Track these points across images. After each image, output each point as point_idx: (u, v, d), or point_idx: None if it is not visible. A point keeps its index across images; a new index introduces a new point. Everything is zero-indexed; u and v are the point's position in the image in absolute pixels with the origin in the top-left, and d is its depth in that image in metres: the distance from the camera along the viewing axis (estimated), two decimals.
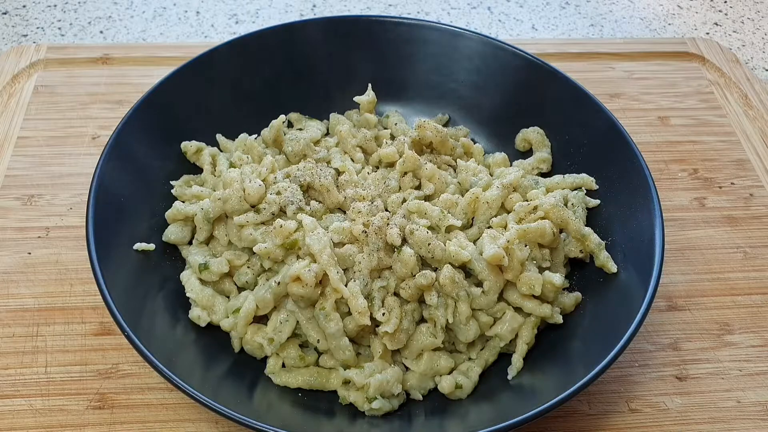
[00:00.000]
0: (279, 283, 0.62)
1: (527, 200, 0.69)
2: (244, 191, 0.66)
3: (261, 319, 0.64)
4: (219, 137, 0.77)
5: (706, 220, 0.81)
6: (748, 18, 1.16)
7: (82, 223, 0.69)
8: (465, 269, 0.64)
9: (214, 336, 0.64)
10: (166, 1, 1.12)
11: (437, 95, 0.83)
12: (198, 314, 0.64)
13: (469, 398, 0.62)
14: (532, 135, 0.78)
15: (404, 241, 0.64)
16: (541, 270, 0.65)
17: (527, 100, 0.80)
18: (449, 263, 0.63)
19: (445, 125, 0.83)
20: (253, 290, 0.64)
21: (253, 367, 0.63)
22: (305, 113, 0.82)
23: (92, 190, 0.65)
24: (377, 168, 0.74)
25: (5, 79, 0.90)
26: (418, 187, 0.71)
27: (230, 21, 1.10)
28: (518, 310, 0.64)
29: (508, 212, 0.69)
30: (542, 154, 0.77)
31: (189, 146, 0.75)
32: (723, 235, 0.79)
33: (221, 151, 0.77)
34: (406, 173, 0.72)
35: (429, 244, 0.63)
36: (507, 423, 0.53)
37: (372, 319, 0.61)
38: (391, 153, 0.73)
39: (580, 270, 0.69)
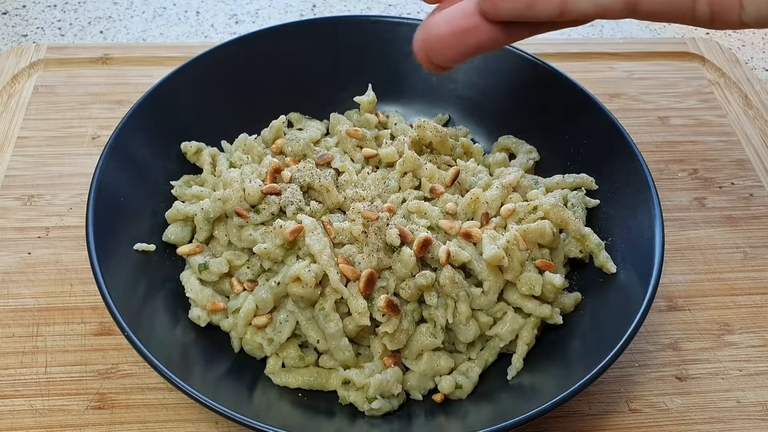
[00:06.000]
0: (279, 283, 0.62)
1: (527, 200, 0.69)
2: (244, 191, 0.66)
3: None
4: (224, 144, 0.77)
5: (706, 220, 0.81)
6: None
7: (82, 223, 0.69)
8: (465, 269, 0.64)
9: (214, 336, 0.64)
10: (166, 1, 1.12)
11: (437, 95, 0.83)
12: (198, 314, 0.64)
13: (469, 398, 0.62)
14: (507, 142, 0.79)
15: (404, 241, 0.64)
16: (541, 270, 0.65)
17: (527, 100, 0.80)
18: (449, 263, 0.63)
19: (445, 125, 0.83)
20: (252, 291, 0.64)
21: (253, 367, 0.63)
22: (305, 113, 0.82)
23: (92, 190, 0.65)
24: (377, 168, 0.74)
25: (5, 79, 0.90)
26: (418, 187, 0.71)
27: (230, 21, 1.10)
28: (518, 310, 0.64)
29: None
30: (525, 147, 0.77)
31: (189, 146, 0.75)
32: (723, 235, 0.79)
33: (223, 152, 0.77)
34: (405, 173, 0.72)
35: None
36: (507, 423, 0.53)
37: (372, 319, 0.61)
38: (391, 153, 0.73)
39: (580, 270, 0.69)
